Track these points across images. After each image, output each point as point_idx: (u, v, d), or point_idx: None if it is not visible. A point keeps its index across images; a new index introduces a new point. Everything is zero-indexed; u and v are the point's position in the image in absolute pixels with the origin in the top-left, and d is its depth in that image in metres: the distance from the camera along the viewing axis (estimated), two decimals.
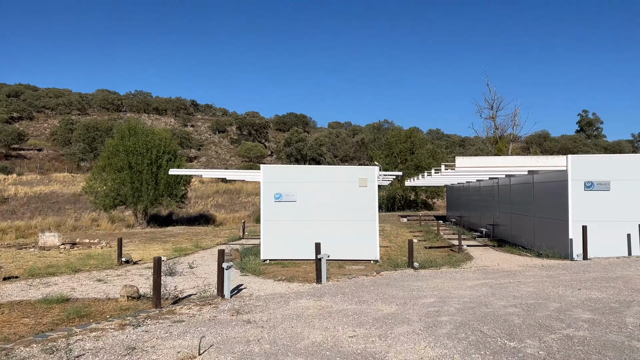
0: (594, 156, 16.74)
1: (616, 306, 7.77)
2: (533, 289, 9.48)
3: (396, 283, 10.69)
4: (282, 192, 15.69)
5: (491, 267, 13.31)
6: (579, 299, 8.41)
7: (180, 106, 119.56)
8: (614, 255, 14.48)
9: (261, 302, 8.94)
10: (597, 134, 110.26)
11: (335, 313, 7.85)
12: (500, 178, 22.19)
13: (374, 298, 9.00)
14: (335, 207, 15.70)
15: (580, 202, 14.80)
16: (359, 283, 10.89)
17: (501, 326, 6.65)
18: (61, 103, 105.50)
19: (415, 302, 8.45)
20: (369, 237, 15.63)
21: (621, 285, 9.64)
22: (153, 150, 32.03)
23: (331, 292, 9.90)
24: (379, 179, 22.30)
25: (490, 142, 52.02)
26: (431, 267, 13.39)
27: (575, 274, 11.37)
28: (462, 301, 8.42)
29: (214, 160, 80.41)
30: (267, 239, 15.70)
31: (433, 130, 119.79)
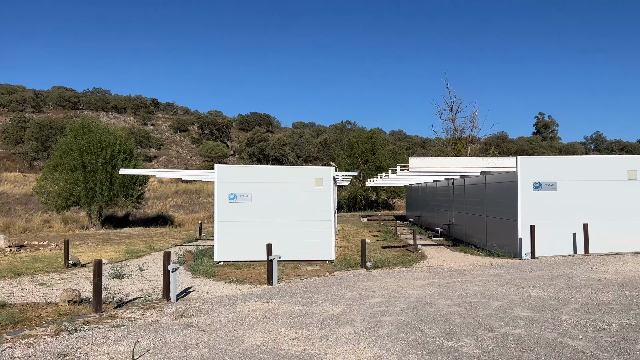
0: (542, 157, 17.23)
1: (555, 304, 7.98)
2: (479, 287, 9.65)
3: (347, 283, 10.69)
4: (236, 193, 15.50)
5: (442, 267, 13.51)
6: (521, 297, 8.61)
7: (140, 104, 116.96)
8: (561, 253, 14.93)
9: (207, 305, 8.77)
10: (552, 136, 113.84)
11: (281, 315, 7.77)
12: (455, 179, 22.61)
13: (322, 299, 8.96)
14: (291, 208, 15.62)
15: (529, 202, 15.21)
16: (310, 284, 10.85)
17: (442, 325, 6.72)
18: (14, 100, 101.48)
19: (362, 303, 8.46)
20: (325, 237, 15.63)
21: (562, 283, 9.93)
22: (108, 150, 31.16)
23: (281, 293, 9.81)
24: (337, 179, 22.39)
25: (450, 144, 53.01)
26: (384, 267, 13.48)
27: (522, 272, 11.65)
28: (408, 301, 8.48)
29: (174, 160, 78.98)
30: (221, 240, 15.48)
31: (395, 131, 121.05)
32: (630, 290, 8.91)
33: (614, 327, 6.44)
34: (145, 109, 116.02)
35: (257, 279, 12.33)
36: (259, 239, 15.44)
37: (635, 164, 15.14)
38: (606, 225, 14.98)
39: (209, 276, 12.72)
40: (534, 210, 15.17)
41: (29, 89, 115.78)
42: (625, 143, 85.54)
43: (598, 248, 14.78)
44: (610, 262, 12.74)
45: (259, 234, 15.46)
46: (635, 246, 14.77)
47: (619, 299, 8.28)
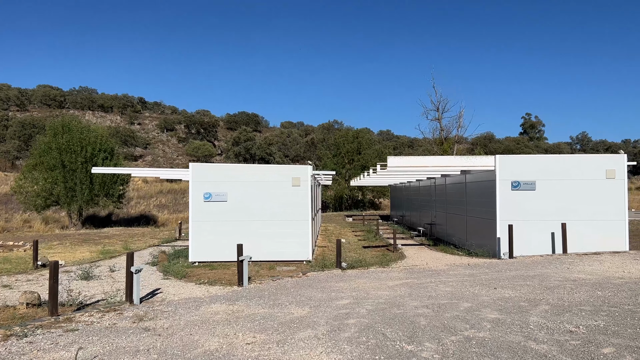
0: (521, 157, 17.14)
1: (525, 305, 7.81)
2: (451, 288, 9.47)
3: (319, 284, 10.46)
4: (212, 192, 15.20)
5: (419, 267, 13.33)
6: (491, 298, 8.43)
7: (127, 103, 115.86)
8: (540, 253, 14.82)
9: (170, 308, 8.49)
10: (539, 137, 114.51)
11: (244, 318, 7.51)
12: (437, 178, 22.49)
13: (289, 301, 8.72)
14: (268, 207, 15.36)
15: (507, 201, 15.09)
16: (281, 285, 10.60)
17: (406, 328, 6.51)
18: None
19: (329, 304, 8.23)
20: (302, 237, 15.39)
21: (536, 283, 9.78)
22: (88, 148, 30.66)
23: (249, 295, 9.55)
24: (318, 178, 22.16)
25: (436, 144, 52.97)
26: (360, 267, 13.27)
27: (497, 272, 11.50)
28: (377, 302, 8.27)
29: (160, 159, 78.28)
30: (196, 241, 15.18)
31: (384, 131, 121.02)
32: (603, 291, 8.78)
33: (581, 330, 6.27)
34: (132, 108, 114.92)
35: (230, 280, 12.05)
36: (235, 239, 15.12)
37: (613, 163, 15.08)
38: (585, 225, 14.90)
39: (180, 277, 12.43)
40: (512, 210, 15.05)
41: (13, 88, 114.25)
42: (610, 143, 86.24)
43: (576, 248, 14.70)
44: (587, 261, 12.64)
45: (235, 234, 15.17)
46: (614, 246, 14.72)
47: (590, 299, 8.13)
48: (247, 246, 15.16)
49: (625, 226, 14.87)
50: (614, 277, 10.22)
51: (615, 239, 14.82)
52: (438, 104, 51.38)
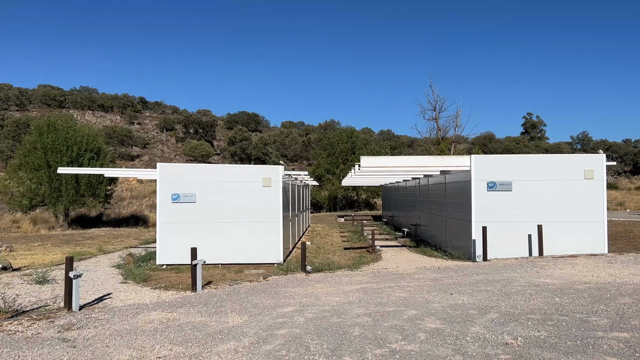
0: (497, 156, 16.73)
1: (473, 313, 7.41)
2: (406, 294, 9.07)
3: (273, 289, 10.08)
4: (180, 193, 14.85)
5: (388, 270, 12.93)
6: (442, 305, 8.03)
7: (127, 103, 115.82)
8: (516, 255, 14.40)
9: (108, 315, 8.13)
10: (540, 136, 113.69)
11: (174, 327, 7.15)
12: (420, 178, 22.09)
13: (233, 308, 8.35)
14: (238, 209, 15.00)
15: (483, 202, 14.67)
16: (235, 291, 10.23)
17: (334, 340, 6.13)
18: None
19: (271, 312, 7.85)
20: (273, 239, 15.02)
21: (497, 288, 9.38)
22: (74, 148, 30.37)
23: (197, 301, 9.19)
24: (300, 178, 21.77)
25: (433, 143, 52.49)
26: (327, 271, 12.88)
27: (464, 276, 11.10)
28: (321, 310, 7.89)
29: (157, 159, 78.06)
30: (164, 243, 14.84)
31: (384, 131, 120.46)
32: (562, 297, 8.36)
33: (518, 342, 5.87)
34: (132, 108, 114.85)
35: (189, 285, 11.68)
36: (204, 241, 14.82)
37: (592, 163, 14.63)
38: (562, 227, 14.47)
39: (139, 281, 12.08)
40: (488, 211, 14.64)
41: (14, 88, 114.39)
42: (610, 143, 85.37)
43: (554, 250, 14.27)
44: (560, 265, 12.22)
45: (204, 236, 14.84)
46: (591, 248, 14.28)
47: (544, 307, 7.72)
48: (217, 249, 14.89)
49: (603, 228, 14.43)
50: (580, 282, 9.80)
51: (594, 241, 14.38)
52: (435, 104, 50.92)
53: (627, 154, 77.55)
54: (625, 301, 7.93)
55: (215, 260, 14.85)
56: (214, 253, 14.86)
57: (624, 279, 9.95)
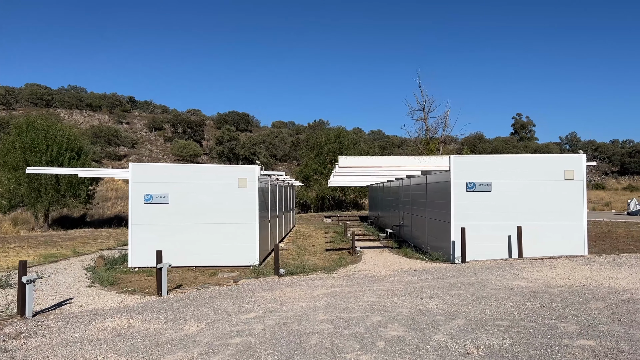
0: (477, 156, 16.54)
1: (440, 319, 7.13)
2: (376, 298, 8.78)
3: (241, 294, 9.75)
4: (152, 193, 14.48)
5: (365, 272, 12.63)
6: (410, 310, 7.75)
7: (115, 102, 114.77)
8: (497, 257, 14.17)
9: (61, 322, 7.77)
10: (529, 137, 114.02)
11: (127, 335, 6.80)
12: (403, 179, 21.84)
13: (193, 314, 8.01)
14: (212, 209, 14.66)
15: (462, 203, 14.44)
16: (201, 295, 9.88)
17: (287, 350, 5.82)
18: None
19: (231, 319, 7.53)
20: (249, 241, 14.69)
21: (470, 292, 9.11)
22: (54, 147, 29.83)
23: (159, 307, 8.84)
24: (282, 178, 21.44)
25: (422, 143, 52.35)
26: (301, 273, 12.55)
27: (438, 279, 10.83)
28: (284, 316, 7.57)
29: (144, 158, 77.36)
30: (136, 245, 14.46)
31: (375, 131, 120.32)
32: (534, 302, 8.11)
33: (480, 351, 5.59)
34: (120, 107, 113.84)
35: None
36: (178, 243, 14.51)
37: (572, 163, 14.42)
38: (542, 228, 14.27)
39: (106, 285, 11.70)
40: (467, 212, 14.40)
41: (1, 87, 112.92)
42: (598, 144, 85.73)
43: (534, 251, 14.06)
44: (538, 267, 11.98)
45: (178, 238, 14.50)
46: (571, 249, 14.08)
47: (515, 312, 7.46)
48: (191, 251, 14.54)
49: (584, 229, 14.23)
50: (555, 285, 9.55)
51: (574, 243, 14.18)
52: (424, 104, 50.73)
53: (614, 155, 77.93)
54: (597, 306, 7.69)
55: (189, 263, 14.52)
56: (188, 255, 14.54)
57: (599, 282, 9.73)
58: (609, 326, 6.48)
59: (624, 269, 11.07)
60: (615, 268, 11.28)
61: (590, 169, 76.40)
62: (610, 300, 8.07)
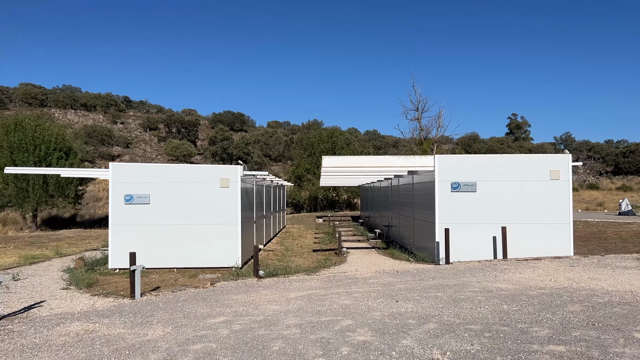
0: (461, 156, 16.37)
1: (412, 323, 6.95)
2: (351, 301, 8.59)
3: (215, 296, 9.56)
4: (133, 194, 14.27)
5: (347, 274, 12.45)
6: (383, 313, 7.57)
7: (110, 102, 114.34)
8: (481, 258, 14.00)
9: (24, 327, 7.56)
10: (525, 137, 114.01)
11: (87, 341, 6.60)
12: (392, 179, 21.67)
13: (161, 318, 7.81)
14: (194, 210, 14.46)
15: (447, 203, 14.27)
16: (175, 298, 9.68)
17: (248, 356, 5.64)
18: None
19: (198, 323, 7.33)
20: (231, 242, 14.51)
21: (448, 294, 8.93)
22: (42, 147, 29.55)
23: (130, 310, 8.64)
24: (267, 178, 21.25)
25: (416, 143, 52.21)
26: (281, 275, 12.36)
27: (419, 281, 10.65)
28: (253, 320, 7.38)
29: (138, 158, 77.01)
30: (116, 246, 14.24)
31: (370, 131, 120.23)
32: (510, 304, 7.94)
33: (446, 357, 5.42)
34: (115, 107, 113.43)
35: None
36: (159, 244, 14.32)
37: (558, 163, 14.27)
38: (528, 228, 14.12)
39: (82, 287, 11.48)
40: (452, 212, 14.24)
41: None
42: (593, 144, 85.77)
43: (518, 252, 13.91)
44: (522, 268, 11.82)
45: (159, 238, 14.31)
46: (557, 250, 13.93)
47: (489, 315, 7.29)
48: (172, 252, 14.34)
49: (569, 229, 14.07)
50: (535, 287, 9.39)
51: (560, 243, 14.03)
52: (418, 104, 50.62)
53: (609, 155, 78.00)
54: (574, 309, 7.52)
55: (171, 264, 14.33)
56: (170, 257, 14.35)
57: (580, 284, 9.57)
58: (582, 330, 6.31)
59: (607, 271, 10.91)
60: (598, 269, 11.13)
61: (584, 168, 76.41)
62: (588, 303, 7.91)
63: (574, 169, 58.31)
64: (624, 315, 6.99)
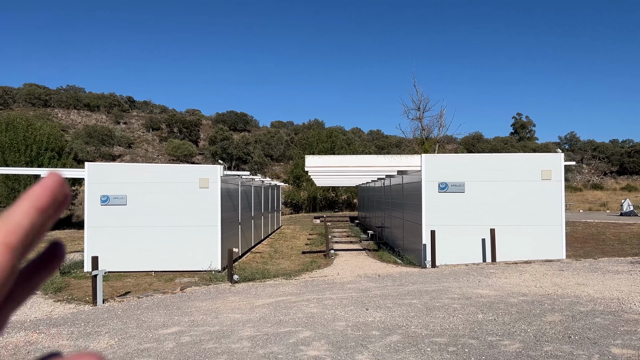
0: (449, 156, 15.87)
1: (375, 334, 6.44)
2: (319, 309, 8.09)
3: (181, 303, 9.08)
4: (109, 195, 13.83)
5: (327, 278, 11.95)
6: (348, 323, 7.06)
7: (113, 102, 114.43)
8: (470, 261, 13.46)
9: None
10: (529, 136, 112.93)
11: (21, 354, 6.15)
12: (384, 179, 21.14)
13: (113, 328, 7.35)
14: (172, 211, 14.00)
15: (434, 204, 13.74)
16: (138, 304, 9.22)
17: None
18: None
19: (147, 334, 6.85)
20: (211, 244, 14.03)
21: (423, 302, 8.41)
22: (33, 147, 29.22)
23: (86, 318, 8.18)
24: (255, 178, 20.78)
25: (417, 143, 51.59)
26: (258, 280, 11.87)
27: (398, 286, 10.14)
28: (206, 331, 6.89)
29: (139, 158, 76.83)
30: (93, 249, 13.77)
31: (374, 131, 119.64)
32: (486, 313, 7.41)
33: None
34: (119, 107, 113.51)
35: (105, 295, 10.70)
36: (136, 246, 13.86)
37: (550, 163, 13.70)
38: (518, 230, 13.55)
39: (49, 291, 11.04)
40: (439, 214, 13.71)
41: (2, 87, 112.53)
42: (598, 143, 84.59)
43: (508, 255, 13.34)
44: (509, 272, 11.27)
45: (136, 241, 13.85)
46: (548, 253, 13.35)
47: (460, 325, 6.77)
48: (150, 255, 13.88)
49: (561, 232, 13.49)
50: (517, 294, 8.85)
51: (551, 246, 13.45)
52: (419, 103, 50.02)
53: (614, 155, 76.94)
54: (553, 319, 6.98)
55: (148, 267, 13.88)
56: (147, 260, 13.90)
57: (566, 290, 9.02)
58: (555, 344, 5.78)
59: (597, 275, 10.35)
60: (588, 274, 10.56)
61: (589, 168, 75.49)
62: (569, 312, 7.36)
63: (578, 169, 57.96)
64: (604, 327, 6.45)
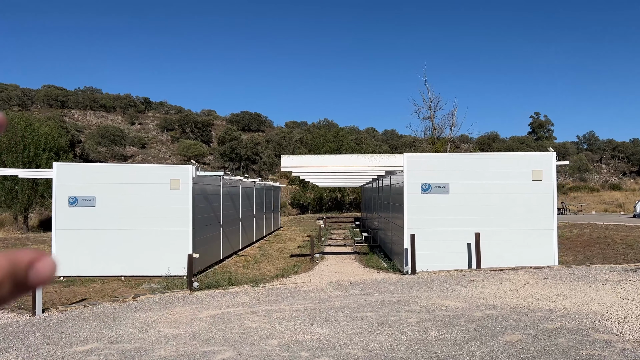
0: (432, 155, 15.03)
1: (304, 356, 5.70)
2: (259, 324, 7.37)
3: (121, 314, 8.45)
4: (77, 196, 13.32)
5: (295, 285, 11.21)
6: (281, 342, 6.33)
7: (129, 103, 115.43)
8: (455, 267, 12.59)
9: None
10: (547, 136, 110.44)
11: None
12: (378, 179, 20.32)
13: (27, 344, 6.74)
14: (142, 213, 13.44)
15: (417, 206, 12.91)
16: (77, 315, 8.62)
17: None
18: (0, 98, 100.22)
19: (56, 353, 6.22)
20: (182, 248, 13.40)
21: (379, 315, 7.63)
22: (31, 147, 29.09)
23: (12, 331, 7.61)
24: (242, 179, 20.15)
25: (428, 143, 50.54)
26: (220, 287, 11.20)
27: (364, 296, 9.37)
28: (120, 350, 6.23)
29: (150, 159, 77.13)
30: (60, 252, 13.29)
31: (388, 130, 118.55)
32: (441, 330, 6.61)
33: None
34: (134, 108, 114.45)
35: (61, 302, 10.18)
36: (105, 250, 13.34)
37: (541, 162, 12.75)
38: (507, 235, 12.65)
39: None
40: (422, 217, 12.87)
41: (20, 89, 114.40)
42: (617, 143, 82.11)
43: (496, 261, 12.45)
44: (490, 280, 10.41)
45: (105, 244, 13.33)
46: (538, 259, 12.40)
47: (404, 346, 5.99)
48: (119, 258, 13.35)
49: (553, 236, 12.54)
50: (487, 306, 8.00)
51: (542, 251, 12.51)
52: (430, 102, 48.90)
53: (634, 154, 74.62)
54: (511, 338, 6.15)
55: (117, 272, 13.35)
56: (116, 264, 13.37)
57: (542, 303, 8.14)
58: None
59: (582, 285, 9.42)
60: (572, 284, 9.64)
61: (608, 168, 73.29)
62: (533, 330, 6.51)
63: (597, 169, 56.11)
64: (564, 350, 5.61)
